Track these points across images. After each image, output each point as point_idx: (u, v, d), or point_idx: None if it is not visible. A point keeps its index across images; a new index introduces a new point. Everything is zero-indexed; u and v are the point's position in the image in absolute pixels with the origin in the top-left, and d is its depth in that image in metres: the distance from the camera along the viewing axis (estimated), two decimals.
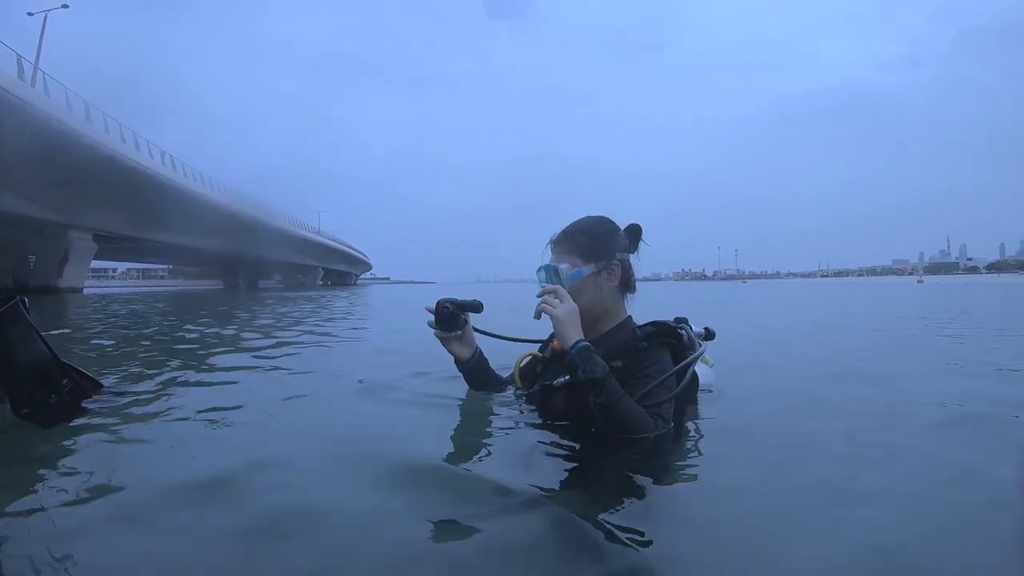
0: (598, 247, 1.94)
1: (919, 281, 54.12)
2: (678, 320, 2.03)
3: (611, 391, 1.65)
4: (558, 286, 1.83)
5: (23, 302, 1.85)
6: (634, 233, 2.02)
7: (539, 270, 1.97)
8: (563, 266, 1.90)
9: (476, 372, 2.19)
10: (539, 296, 1.82)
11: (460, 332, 2.12)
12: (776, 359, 3.77)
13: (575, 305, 1.79)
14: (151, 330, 5.94)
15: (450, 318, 2.08)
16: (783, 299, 14.49)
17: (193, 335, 5.24)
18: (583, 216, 2.03)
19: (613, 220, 2.02)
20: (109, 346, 4.63)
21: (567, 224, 2.02)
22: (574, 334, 1.74)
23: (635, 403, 1.68)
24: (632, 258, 2.01)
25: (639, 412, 1.67)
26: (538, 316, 1.82)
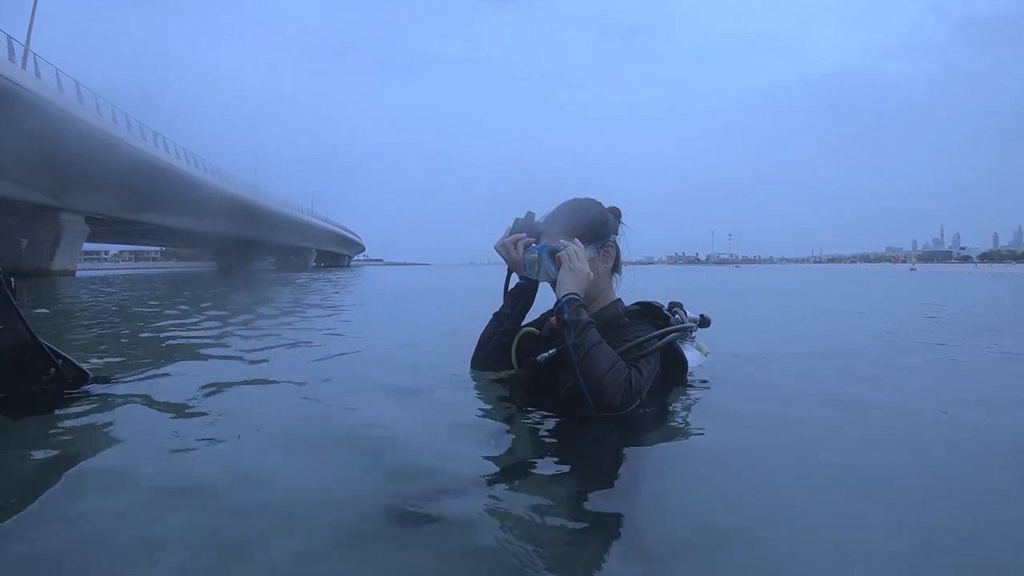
0: (596, 229, 1.97)
1: (912, 269, 54.28)
2: (672, 305, 2.06)
3: (591, 335, 1.69)
4: (583, 248, 1.87)
5: (8, 282, 1.80)
6: (617, 216, 2.05)
7: (530, 252, 1.99)
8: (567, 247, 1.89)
9: (528, 295, 2.18)
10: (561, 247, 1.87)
11: (532, 241, 2.10)
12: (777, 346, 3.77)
13: (591, 274, 1.85)
14: (145, 317, 5.83)
15: (530, 222, 2.13)
16: (787, 285, 14.41)
17: (190, 320, 5.12)
18: (571, 199, 2.05)
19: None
20: (98, 331, 4.57)
21: (555, 207, 2.05)
22: (574, 287, 1.79)
23: (612, 350, 1.70)
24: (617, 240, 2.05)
25: (614, 357, 1.68)
26: (555, 262, 1.88)
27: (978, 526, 1.14)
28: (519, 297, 2.18)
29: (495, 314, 2.20)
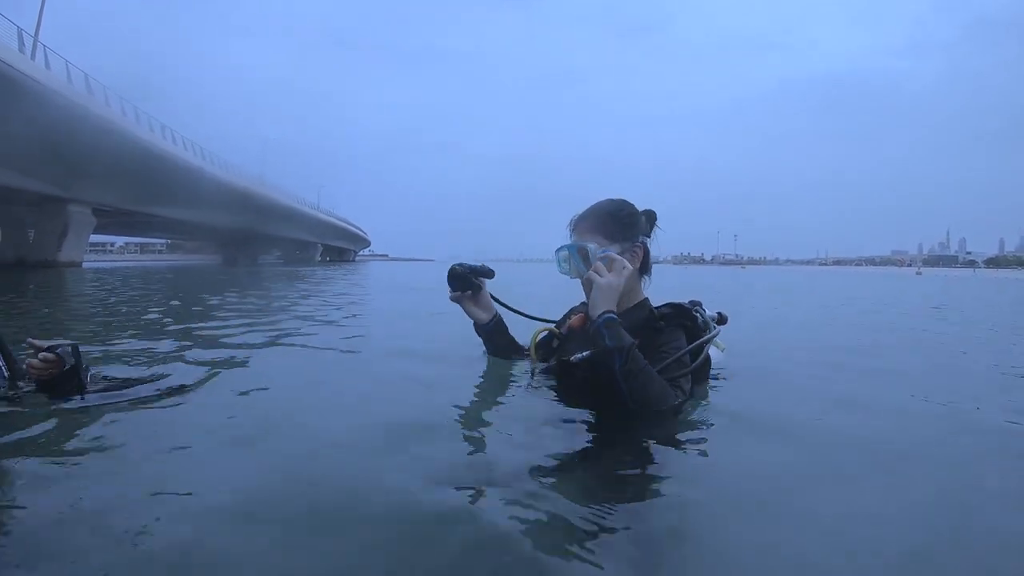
0: (623, 229, 2.01)
1: (918, 273, 54.24)
2: (692, 303, 2.12)
3: (636, 359, 1.71)
4: (617, 256, 1.87)
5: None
6: (650, 218, 2.11)
7: (560, 249, 2.04)
8: (591, 246, 1.95)
9: (495, 336, 2.35)
10: (595, 260, 1.89)
11: (471, 292, 2.29)
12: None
13: (621, 281, 1.84)
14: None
15: (461, 278, 2.25)
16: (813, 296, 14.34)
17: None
18: (604, 199, 2.09)
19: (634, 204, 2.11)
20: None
21: (589, 206, 2.08)
22: (605, 305, 1.79)
23: (657, 374, 1.75)
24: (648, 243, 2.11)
25: (661, 382, 1.74)
26: (586, 282, 1.88)
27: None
28: (497, 346, 2.37)
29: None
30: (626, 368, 1.69)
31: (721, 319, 2.26)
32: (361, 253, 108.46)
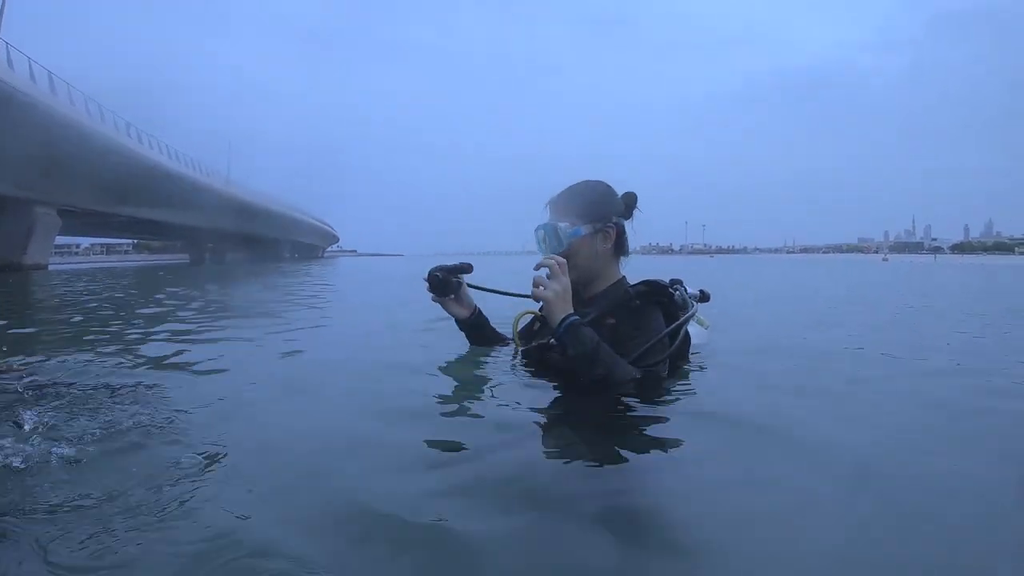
0: (595, 209, 2.05)
1: (884, 259, 55.20)
2: (673, 282, 2.14)
3: (601, 361, 1.77)
4: (552, 262, 1.88)
5: None
6: (629, 200, 2.13)
7: (538, 229, 2.08)
8: (562, 225, 2.01)
9: (476, 329, 2.38)
10: (536, 268, 1.91)
11: (454, 295, 2.29)
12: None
13: (566, 281, 1.86)
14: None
15: (443, 284, 2.24)
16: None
17: None
18: (580, 181, 2.13)
19: (611, 186, 2.14)
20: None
21: (566, 187, 2.12)
22: (561, 313, 1.82)
23: (627, 365, 1.80)
24: (627, 225, 2.14)
25: (628, 372, 1.79)
26: (535, 298, 1.91)
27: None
28: (479, 338, 2.40)
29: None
30: (596, 373, 1.76)
31: (703, 296, 2.31)
32: (329, 249, 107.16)
